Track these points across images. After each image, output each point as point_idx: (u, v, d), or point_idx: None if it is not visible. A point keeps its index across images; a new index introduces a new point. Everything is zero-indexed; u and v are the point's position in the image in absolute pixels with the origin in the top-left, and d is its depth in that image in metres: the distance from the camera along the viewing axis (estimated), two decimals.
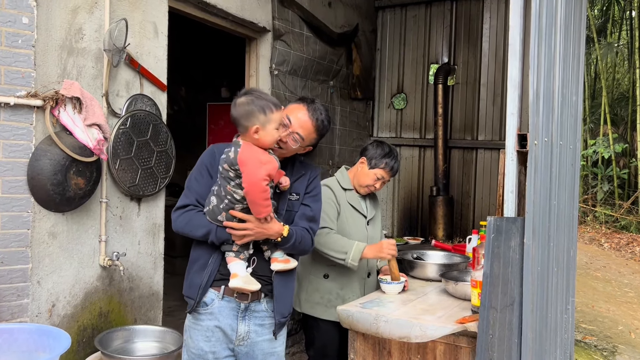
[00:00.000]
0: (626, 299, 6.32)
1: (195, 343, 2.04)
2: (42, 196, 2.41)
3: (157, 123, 2.95)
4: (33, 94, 2.35)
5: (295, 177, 2.13)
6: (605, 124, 11.58)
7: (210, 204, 1.97)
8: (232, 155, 1.91)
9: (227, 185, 1.93)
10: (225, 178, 1.93)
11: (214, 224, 1.96)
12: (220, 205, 1.94)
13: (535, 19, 2.13)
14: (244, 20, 3.75)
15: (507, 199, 2.10)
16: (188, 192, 2.06)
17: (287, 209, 2.09)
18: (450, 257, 3.19)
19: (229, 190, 1.92)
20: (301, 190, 2.14)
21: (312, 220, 2.13)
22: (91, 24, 2.63)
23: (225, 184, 1.93)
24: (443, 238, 5.12)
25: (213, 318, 2.02)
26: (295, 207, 2.11)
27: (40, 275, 2.45)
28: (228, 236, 1.95)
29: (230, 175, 1.92)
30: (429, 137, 5.57)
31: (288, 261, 2.05)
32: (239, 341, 2.05)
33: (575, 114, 3.01)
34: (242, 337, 2.04)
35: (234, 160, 1.90)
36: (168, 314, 3.72)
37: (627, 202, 11.02)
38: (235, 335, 2.04)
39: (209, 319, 2.02)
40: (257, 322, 2.07)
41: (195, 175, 2.07)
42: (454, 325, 2.14)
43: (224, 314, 2.02)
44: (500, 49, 5.23)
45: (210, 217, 1.96)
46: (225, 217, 1.94)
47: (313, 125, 2.12)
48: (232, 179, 1.92)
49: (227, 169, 1.93)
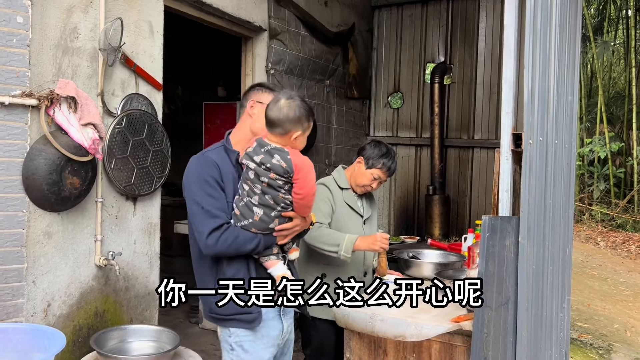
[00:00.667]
0: (622, 297, 6.34)
1: (254, 354, 2.03)
2: (37, 196, 2.40)
3: (153, 122, 2.95)
4: (28, 93, 2.35)
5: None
6: (601, 123, 11.61)
7: (254, 215, 1.92)
8: (284, 164, 1.88)
9: (278, 194, 1.91)
10: (275, 187, 1.90)
11: (260, 234, 1.95)
12: (271, 214, 1.93)
13: (530, 18, 2.13)
14: (240, 20, 3.74)
15: (502, 198, 2.11)
16: (215, 211, 1.93)
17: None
18: (446, 256, 3.20)
19: (281, 197, 1.92)
20: None
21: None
22: (86, 23, 2.63)
23: (276, 193, 1.91)
24: (439, 237, 5.13)
25: (265, 325, 2.04)
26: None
27: (36, 274, 2.45)
28: (273, 241, 1.98)
29: (279, 184, 1.90)
30: (425, 136, 5.58)
31: (297, 250, 2.13)
32: (283, 340, 2.14)
33: (571, 113, 3.01)
34: (285, 335, 2.13)
35: (288, 168, 1.88)
36: (164, 313, 3.72)
37: (623, 201, 11.05)
38: (281, 335, 2.11)
39: (263, 327, 2.04)
40: (290, 316, 2.17)
41: (209, 192, 1.95)
42: (449, 324, 2.14)
43: (271, 316, 2.06)
44: (496, 48, 5.24)
45: (259, 227, 1.93)
46: (278, 223, 1.96)
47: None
48: (282, 186, 1.90)
49: (275, 178, 1.89)
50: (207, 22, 3.58)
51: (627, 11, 13.14)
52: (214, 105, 6.09)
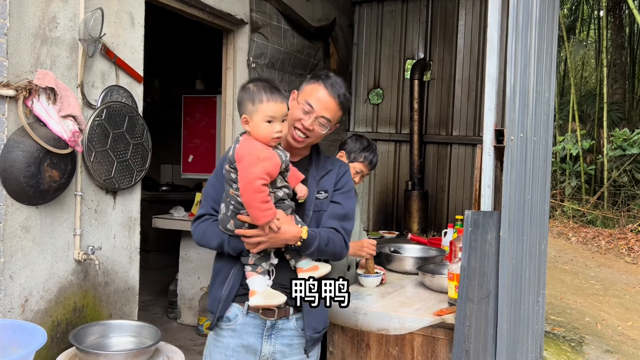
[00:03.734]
0: (593, 291, 6.51)
1: (207, 357, 1.90)
2: (14, 189, 2.34)
3: (133, 115, 2.91)
4: (5, 83, 2.28)
5: (322, 174, 1.92)
6: (573, 121, 11.88)
7: (220, 211, 1.79)
8: (231, 152, 1.73)
9: (229, 189, 1.74)
10: (228, 180, 1.75)
11: (226, 233, 1.79)
12: (227, 213, 1.76)
13: (513, 16, 2.16)
14: (222, 12, 3.71)
15: (484, 193, 2.14)
16: (204, 200, 1.89)
17: (314, 209, 1.87)
18: (426, 251, 3.24)
19: (232, 194, 1.74)
20: (329, 186, 1.91)
21: (344, 219, 1.89)
22: (65, 13, 2.57)
23: (228, 187, 1.75)
24: (418, 232, 5.19)
25: (236, 336, 1.85)
26: (324, 206, 1.88)
27: (13, 269, 2.39)
28: (240, 246, 1.77)
29: (232, 177, 1.73)
30: (404, 132, 5.63)
31: (316, 268, 1.82)
32: None
33: (548, 111, 3.08)
34: (265, 358, 1.85)
35: (232, 157, 1.72)
36: (141, 308, 3.68)
37: (594, 198, 11.34)
38: (259, 357, 1.84)
39: (231, 336, 1.85)
40: (285, 342, 1.85)
41: (212, 181, 1.90)
42: (431, 317, 2.17)
43: (248, 331, 1.84)
44: (475, 46, 5.31)
45: (222, 226, 1.78)
46: (234, 225, 1.75)
47: (337, 103, 1.89)
48: (234, 180, 1.72)
49: (228, 170, 1.74)
50: (189, 14, 3.54)
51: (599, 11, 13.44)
52: (193, 99, 6.02)
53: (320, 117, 1.87)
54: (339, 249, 1.87)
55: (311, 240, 1.77)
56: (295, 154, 1.92)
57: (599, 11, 13.35)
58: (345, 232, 1.88)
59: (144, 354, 2.45)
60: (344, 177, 1.96)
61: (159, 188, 6.55)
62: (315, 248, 1.78)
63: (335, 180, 1.93)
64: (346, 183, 1.95)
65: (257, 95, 1.72)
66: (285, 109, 1.76)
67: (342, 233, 1.87)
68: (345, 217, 1.90)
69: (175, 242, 4.60)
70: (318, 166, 1.94)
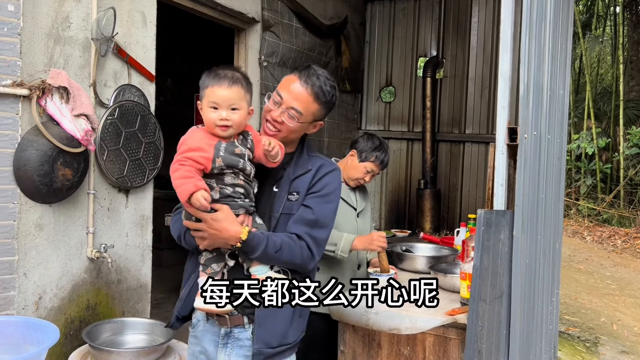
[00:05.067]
0: (608, 291, 6.43)
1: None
2: (28, 187, 2.37)
3: (146, 114, 2.92)
4: (19, 83, 2.31)
5: (298, 174, 1.76)
6: (588, 119, 11.73)
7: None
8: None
9: None
10: None
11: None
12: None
13: (527, 12, 2.14)
14: (233, 11, 3.71)
15: (497, 192, 2.12)
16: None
17: (283, 212, 1.72)
18: (438, 250, 3.22)
19: None
20: (302, 188, 1.73)
21: (314, 226, 1.70)
22: (78, 12, 2.59)
23: None
24: (430, 231, 5.16)
25: (197, 342, 1.80)
26: (294, 209, 1.71)
27: (27, 267, 2.42)
28: (192, 242, 1.68)
29: None
30: (417, 131, 5.59)
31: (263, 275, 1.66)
32: None
33: (562, 108, 3.04)
34: None
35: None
36: (154, 306, 3.69)
37: (610, 196, 11.19)
38: None
39: (193, 343, 1.81)
40: (241, 353, 1.71)
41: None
42: (443, 317, 2.16)
43: (206, 339, 1.77)
44: (488, 43, 5.25)
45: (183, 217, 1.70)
46: (184, 216, 1.67)
47: (310, 94, 1.73)
48: None
49: None
50: (200, 12, 3.54)
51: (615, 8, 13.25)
52: None
53: (290, 109, 1.72)
54: (299, 259, 1.67)
55: (255, 243, 1.60)
56: None
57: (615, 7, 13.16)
58: (312, 240, 1.68)
59: (156, 352, 2.47)
60: (324, 178, 1.76)
61: (171, 186, 6.58)
62: (261, 252, 1.61)
63: (311, 181, 1.74)
64: (325, 186, 1.75)
65: (206, 80, 1.64)
66: (233, 96, 1.62)
67: (306, 240, 1.68)
68: (316, 223, 1.70)
69: None
70: (297, 165, 1.78)
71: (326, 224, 1.74)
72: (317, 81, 1.74)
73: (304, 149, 1.84)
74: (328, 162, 1.84)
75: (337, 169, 1.83)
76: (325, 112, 1.80)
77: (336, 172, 1.81)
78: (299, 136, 1.82)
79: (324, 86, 1.75)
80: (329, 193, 1.75)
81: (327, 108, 1.80)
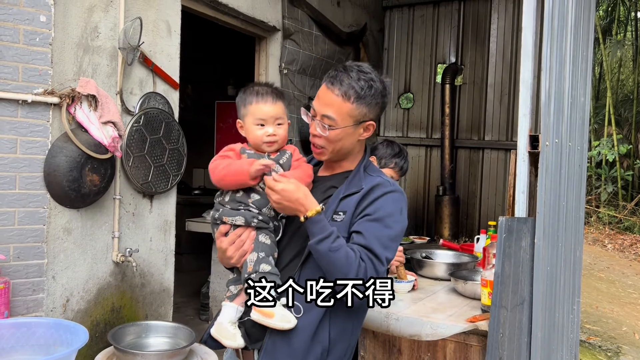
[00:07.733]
0: (630, 300, 6.33)
1: None
2: (57, 192, 2.44)
3: (170, 121, 2.98)
4: (50, 91, 2.38)
5: (349, 192, 1.57)
6: (609, 125, 11.58)
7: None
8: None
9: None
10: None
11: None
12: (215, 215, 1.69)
13: (548, 20, 2.14)
14: (254, 20, 3.77)
15: (519, 200, 2.12)
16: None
17: None
18: (458, 257, 3.21)
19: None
20: (349, 207, 1.54)
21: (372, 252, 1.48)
22: (106, 23, 2.66)
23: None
24: (449, 237, 5.14)
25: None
26: (340, 231, 1.50)
27: (55, 270, 2.48)
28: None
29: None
30: (435, 137, 5.59)
31: (271, 315, 1.47)
32: None
33: (583, 115, 3.02)
34: None
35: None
36: (174, 309, 3.75)
37: (631, 204, 11.02)
38: None
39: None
40: None
41: None
42: (464, 323, 2.16)
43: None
44: (507, 50, 5.24)
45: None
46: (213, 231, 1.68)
47: (338, 95, 1.53)
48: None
49: None
50: (222, 21, 3.61)
51: (636, 13, 13.10)
52: (226, 104, 6.12)
53: (323, 118, 1.56)
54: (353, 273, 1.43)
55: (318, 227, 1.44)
56: (328, 168, 1.71)
57: (637, 12, 13.01)
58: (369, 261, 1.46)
59: (178, 355, 2.50)
60: (379, 201, 1.54)
61: (191, 192, 6.67)
62: (317, 240, 1.43)
63: (358, 201, 1.54)
64: (380, 208, 1.53)
65: (247, 97, 1.62)
66: (278, 111, 1.60)
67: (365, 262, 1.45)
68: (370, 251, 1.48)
69: (207, 245, 4.68)
70: (351, 183, 1.60)
71: (379, 252, 1.48)
72: (345, 79, 1.54)
73: (361, 166, 1.66)
74: (387, 182, 1.61)
75: (398, 190, 1.61)
76: (367, 109, 1.57)
77: (395, 194, 1.58)
78: (350, 147, 1.63)
79: (355, 82, 1.54)
80: (384, 217, 1.52)
81: (368, 104, 1.56)
